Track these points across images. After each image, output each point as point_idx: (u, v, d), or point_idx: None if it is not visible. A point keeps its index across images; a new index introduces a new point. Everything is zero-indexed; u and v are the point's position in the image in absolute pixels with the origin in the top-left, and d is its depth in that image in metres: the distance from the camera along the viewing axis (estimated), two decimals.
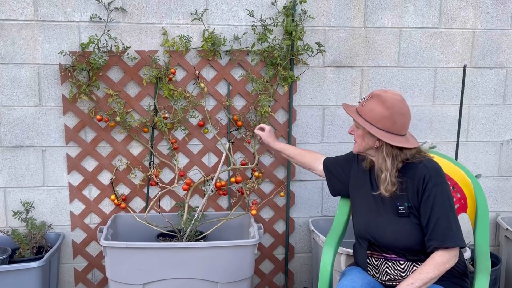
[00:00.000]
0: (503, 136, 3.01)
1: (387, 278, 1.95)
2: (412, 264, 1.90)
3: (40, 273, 2.46)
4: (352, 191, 2.12)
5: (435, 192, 1.83)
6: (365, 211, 2.01)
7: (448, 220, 1.80)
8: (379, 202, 1.95)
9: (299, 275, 3.03)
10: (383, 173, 1.88)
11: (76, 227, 2.80)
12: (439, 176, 1.86)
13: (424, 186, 1.84)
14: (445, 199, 1.82)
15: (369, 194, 1.99)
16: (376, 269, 1.99)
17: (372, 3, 2.77)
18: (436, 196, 1.82)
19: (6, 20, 2.56)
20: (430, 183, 1.83)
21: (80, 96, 2.61)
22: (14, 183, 2.72)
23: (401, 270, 1.91)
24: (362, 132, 1.93)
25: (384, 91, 1.90)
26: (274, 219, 2.92)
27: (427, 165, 1.87)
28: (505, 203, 3.10)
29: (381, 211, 1.94)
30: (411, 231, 1.87)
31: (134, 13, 2.63)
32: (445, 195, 1.83)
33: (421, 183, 1.85)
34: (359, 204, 2.05)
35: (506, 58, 2.92)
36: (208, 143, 2.79)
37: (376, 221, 1.94)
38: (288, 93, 2.78)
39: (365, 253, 2.00)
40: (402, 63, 2.85)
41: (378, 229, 1.93)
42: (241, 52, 2.71)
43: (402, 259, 1.91)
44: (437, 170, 1.87)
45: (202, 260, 2.41)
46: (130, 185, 2.79)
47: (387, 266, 1.94)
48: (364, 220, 2.00)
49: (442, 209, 1.81)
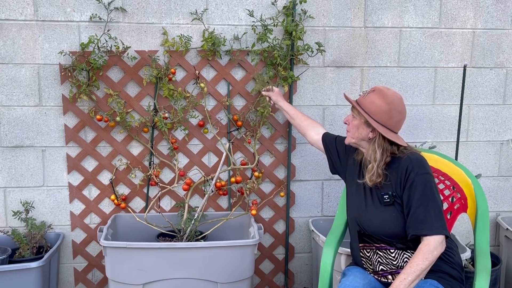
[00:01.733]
0: (503, 136, 3.01)
1: (380, 269, 1.98)
2: (402, 252, 1.93)
3: (40, 273, 2.46)
4: (348, 180, 2.19)
5: (417, 182, 1.88)
6: (355, 200, 2.08)
7: (427, 208, 1.85)
8: (367, 192, 2.01)
9: (299, 275, 3.03)
10: (371, 163, 1.96)
11: (76, 227, 2.80)
12: (422, 167, 1.91)
13: (406, 176, 1.90)
14: (426, 189, 1.87)
15: (359, 184, 2.06)
16: (369, 261, 2.02)
17: (372, 3, 2.77)
18: (417, 185, 1.88)
19: (6, 20, 2.56)
20: (413, 173, 1.89)
21: (80, 96, 2.61)
22: (14, 183, 2.72)
23: (392, 258, 1.95)
24: (358, 122, 1.99)
25: (386, 88, 1.98)
26: (274, 219, 2.92)
27: (410, 157, 1.93)
28: (505, 203, 3.09)
29: (368, 200, 2.01)
30: (396, 219, 1.92)
31: (134, 13, 2.63)
32: (426, 185, 1.88)
33: (404, 173, 1.91)
34: (352, 193, 2.12)
35: (506, 58, 2.92)
36: (208, 143, 2.79)
37: (364, 209, 2.01)
38: (288, 93, 2.78)
39: (358, 246, 2.04)
40: (402, 63, 2.85)
41: (366, 217, 2.00)
42: (241, 52, 2.71)
43: (392, 248, 1.95)
44: (420, 162, 1.92)
45: (202, 260, 2.41)
46: (130, 185, 2.79)
47: (379, 256, 1.98)
48: (354, 209, 2.08)
49: (422, 198, 1.86)
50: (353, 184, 2.11)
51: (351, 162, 2.16)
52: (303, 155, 2.88)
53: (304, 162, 2.89)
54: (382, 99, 1.93)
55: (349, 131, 2.04)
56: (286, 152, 2.85)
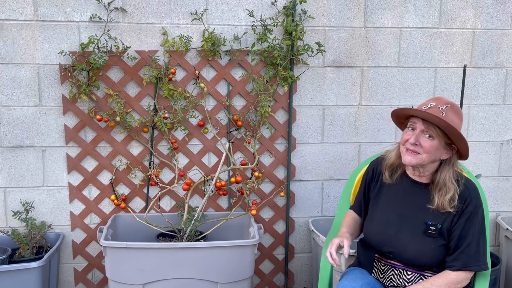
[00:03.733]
0: (503, 136, 3.01)
1: (390, 284, 1.93)
2: (419, 276, 1.87)
3: (40, 273, 2.46)
4: (372, 201, 2.02)
5: (473, 216, 1.78)
6: (382, 224, 1.92)
7: (478, 244, 1.79)
8: (404, 217, 1.87)
9: (299, 275, 3.03)
10: (452, 189, 1.78)
11: (76, 227, 2.80)
12: (478, 199, 1.82)
13: (463, 207, 1.79)
14: (479, 223, 1.80)
15: (394, 206, 1.91)
16: (381, 273, 1.96)
17: (372, 3, 2.77)
18: (473, 219, 1.78)
19: (6, 20, 2.56)
20: (471, 206, 1.79)
21: (80, 96, 2.61)
22: (14, 183, 2.72)
23: (407, 280, 1.89)
24: (437, 144, 1.75)
25: (448, 99, 1.81)
26: (274, 219, 2.92)
27: (468, 187, 1.82)
28: (505, 203, 3.09)
29: (405, 227, 1.86)
30: (434, 251, 1.82)
31: (134, 13, 2.63)
32: (480, 220, 1.80)
33: (461, 205, 1.79)
34: (378, 215, 1.96)
35: (506, 58, 2.92)
36: (208, 143, 2.79)
37: (396, 236, 1.86)
38: (288, 93, 2.78)
39: (373, 256, 1.96)
40: (402, 63, 2.85)
41: (398, 244, 1.85)
42: (241, 52, 2.71)
43: (409, 270, 1.88)
44: (476, 192, 1.83)
45: (202, 260, 2.41)
46: (130, 185, 2.79)
47: (393, 273, 1.92)
48: (379, 232, 1.93)
49: (477, 233, 1.78)
50: (381, 204, 1.95)
51: (375, 184, 2.01)
52: (303, 155, 2.88)
53: (304, 162, 2.89)
54: (457, 116, 1.75)
55: (418, 152, 1.77)
56: (286, 152, 2.85)
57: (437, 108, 1.75)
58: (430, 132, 1.75)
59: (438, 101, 1.79)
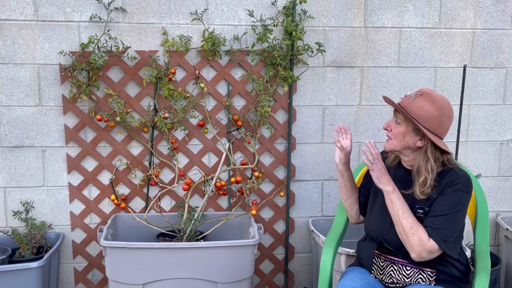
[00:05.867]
0: (503, 136, 3.01)
1: (390, 281, 1.94)
2: (419, 270, 1.88)
3: (40, 273, 2.46)
4: (372, 195, 2.07)
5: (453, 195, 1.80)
6: (379, 213, 1.97)
7: (445, 222, 1.78)
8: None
9: (299, 275, 3.03)
10: (423, 175, 1.83)
11: (76, 227, 2.80)
12: (466, 186, 1.83)
13: (447, 187, 1.81)
14: (455, 203, 1.80)
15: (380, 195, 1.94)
16: (380, 270, 1.97)
17: (372, 3, 2.77)
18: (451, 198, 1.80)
19: (6, 20, 2.56)
20: (455, 187, 1.81)
21: (80, 96, 2.61)
22: (14, 183, 2.72)
23: (406, 275, 1.90)
24: (404, 129, 1.85)
25: (433, 91, 1.86)
26: (274, 219, 2.92)
27: (457, 172, 1.84)
28: (505, 203, 3.10)
29: None
30: None
31: (134, 13, 2.63)
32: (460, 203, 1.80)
33: (446, 186, 1.82)
34: (376, 206, 2.00)
35: (506, 58, 2.92)
36: (208, 143, 2.79)
37: (389, 223, 1.89)
38: (288, 93, 2.78)
39: (373, 253, 1.97)
40: (402, 63, 2.85)
41: (391, 230, 1.88)
42: (241, 52, 2.71)
43: (409, 265, 1.89)
44: (467, 180, 1.84)
45: (202, 260, 2.41)
46: (130, 185, 2.79)
47: (392, 269, 1.93)
48: (376, 222, 1.98)
49: (446, 210, 1.79)
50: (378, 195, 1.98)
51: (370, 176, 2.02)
52: (303, 155, 2.88)
53: (304, 162, 2.89)
54: (431, 104, 1.80)
55: (390, 138, 1.89)
56: (286, 152, 2.85)
57: (408, 96, 1.86)
58: (396, 118, 1.88)
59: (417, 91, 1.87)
